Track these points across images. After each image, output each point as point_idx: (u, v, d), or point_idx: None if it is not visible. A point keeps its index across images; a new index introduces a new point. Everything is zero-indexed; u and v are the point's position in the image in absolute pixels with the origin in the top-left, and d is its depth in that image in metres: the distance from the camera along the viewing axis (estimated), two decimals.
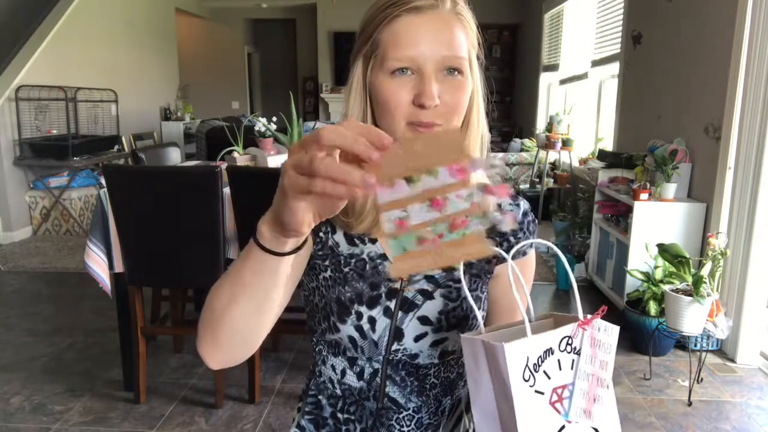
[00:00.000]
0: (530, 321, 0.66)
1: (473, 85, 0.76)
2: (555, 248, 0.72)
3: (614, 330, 0.67)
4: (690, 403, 2.36)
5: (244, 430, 2.19)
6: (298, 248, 0.58)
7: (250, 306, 0.62)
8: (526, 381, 0.60)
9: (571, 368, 0.64)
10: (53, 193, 5.02)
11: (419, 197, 0.44)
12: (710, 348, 2.76)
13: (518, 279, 0.67)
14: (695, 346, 2.59)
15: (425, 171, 0.44)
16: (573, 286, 0.69)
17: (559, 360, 0.63)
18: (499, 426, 0.63)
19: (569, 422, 0.63)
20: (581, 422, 0.64)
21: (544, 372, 0.62)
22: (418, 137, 0.46)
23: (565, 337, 0.64)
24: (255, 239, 0.57)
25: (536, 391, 0.61)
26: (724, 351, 2.79)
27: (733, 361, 2.72)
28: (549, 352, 0.63)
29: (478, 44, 0.77)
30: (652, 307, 2.70)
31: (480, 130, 0.79)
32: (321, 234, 0.81)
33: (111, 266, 2.22)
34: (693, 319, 2.40)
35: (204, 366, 2.65)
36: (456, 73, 0.72)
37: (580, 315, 0.66)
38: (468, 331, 0.77)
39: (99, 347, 2.87)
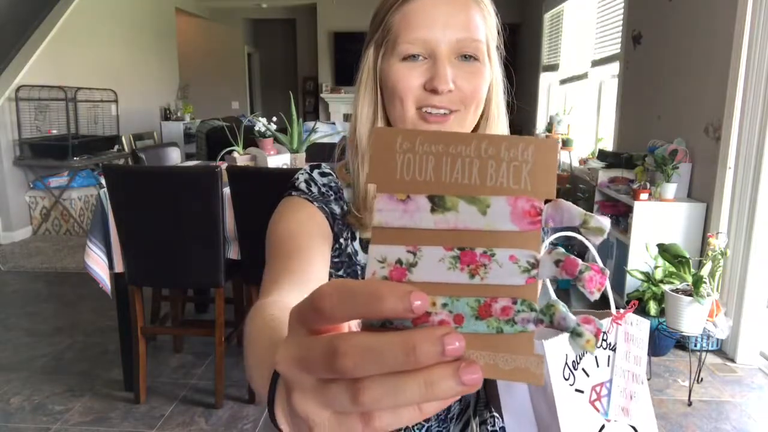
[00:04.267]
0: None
1: (492, 75, 0.71)
2: (583, 238, 0.69)
3: (645, 324, 0.65)
4: (690, 403, 2.36)
5: (244, 430, 2.19)
6: None
7: None
8: (566, 380, 0.58)
9: (608, 365, 0.62)
10: (53, 193, 5.02)
11: (444, 238, 0.25)
12: (710, 348, 2.76)
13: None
14: (695, 346, 2.59)
15: (467, 196, 0.25)
16: (605, 279, 0.67)
17: (596, 357, 0.61)
18: (536, 429, 0.61)
19: (608, 421, 0.61)
20: (620, 420, 0.62)
21: (583, 369, 0.60)
22: (482, 137, 0.25)
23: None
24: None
25: (576, 390, 0.59)
26: (724, 351, 2.79)
27: (733, 361, 2.72)
28: None
29: (498, 33, 0.73)
30: (652, 307, 2.70)
31: (501, 127, 0.75)
32: (341, 240, 0.75)
33: (111, 266, 2.22)
34: (693, 319, 2.40)
35: (204, 366, 2.65)
36: (472, 59, 0.67)
37: (613, 309, 0.64)
38: None
39: (99, 347, 2.87)
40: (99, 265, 2.18)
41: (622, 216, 3.35)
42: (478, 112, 0.70)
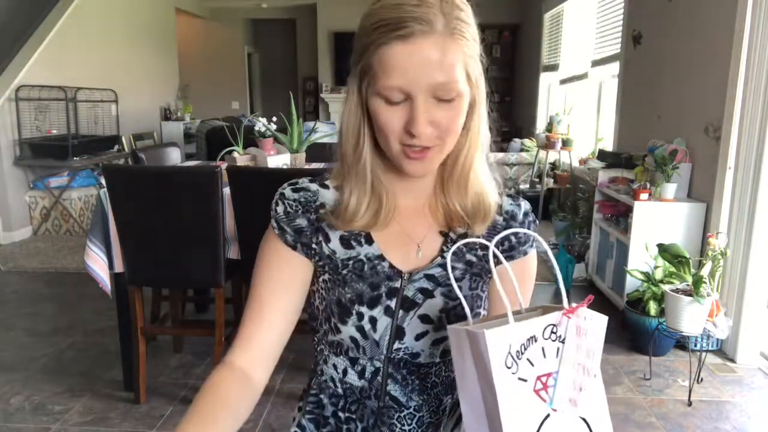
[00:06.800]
0: (520, 312, 0.67)
1: (473, 95, 0.74)
2: (540, 238, 0.72)
3: (601, 319, 0.66)
4: (690, 403, 2.36)
5: (244, 430, 2.18)
6: None
7: None
8: (509, 368, 0.60)
9: (556, 356, 0.64)
10: (53, 193, 5.02)
11: None
12: (710, 348, 2.76)
13: (511, 279, 0.69)
14: (695, 346, 2.59)
15: None
16: (557, 273, 0.70)
17: (543, 348, 0.63)
18: (486, 417, 0.63)
19: (554, 410, 0.63)
20: (567, 411, 0.63)
21: (528, 359, 0.62)
22: None
23: (549, 325, 0.64)
24: None
25: (519, 378, 0.61)
26: (724, 351, 2.79)
27: (733, 361, 2.72)
28: (532, 339, 0.62)
29: (481, 46, 0.75)
30: (652, 307, 2.70)
31: (481, 137, 0.79)
32: (314, 246, 0.80)
33: (111, 266, 2.22)
34: (693, 319, 2.40)
35: (204, 366, 2.65)
36: (448, 102, 0.71)
37: (566, 304, 0.65)
38: None
39: (99, 347, 2.87)
40: (99, 265, 2.18)
41: (622, 216, 3.35)
42: (454, 139, 0.75)
